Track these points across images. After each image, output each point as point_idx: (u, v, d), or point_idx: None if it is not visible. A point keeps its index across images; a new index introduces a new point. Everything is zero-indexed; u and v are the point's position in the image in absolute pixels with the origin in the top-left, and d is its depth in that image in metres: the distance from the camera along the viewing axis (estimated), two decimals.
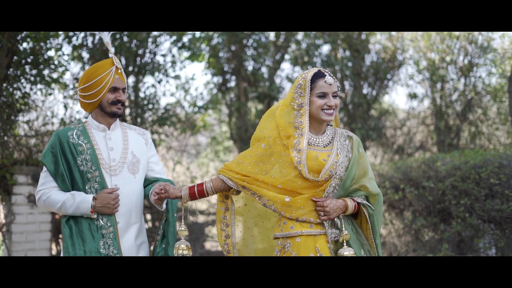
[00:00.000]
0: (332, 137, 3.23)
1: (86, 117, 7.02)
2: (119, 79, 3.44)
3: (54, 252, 6.89)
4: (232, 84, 10.25)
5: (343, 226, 3.09)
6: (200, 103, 9.46)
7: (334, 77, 3.17)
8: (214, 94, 10.16)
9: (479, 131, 11.44)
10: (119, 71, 3.44)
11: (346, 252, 3.01)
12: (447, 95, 11.14)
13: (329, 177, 3.09)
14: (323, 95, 3.15)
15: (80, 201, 3.27)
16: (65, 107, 7.16)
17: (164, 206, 3.44)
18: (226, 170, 3.22)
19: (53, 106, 7.22)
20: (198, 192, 3.24)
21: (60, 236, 6.92)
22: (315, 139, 3.18)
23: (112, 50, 3.48)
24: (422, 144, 11.60)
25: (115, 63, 3.43)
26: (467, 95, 11.05)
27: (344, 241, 3.06)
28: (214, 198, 10.07)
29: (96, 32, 3.69)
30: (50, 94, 6.92)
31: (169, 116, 8.07)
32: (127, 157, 3.45)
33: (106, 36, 3.54)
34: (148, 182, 3.58)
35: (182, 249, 3.15)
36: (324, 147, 3.17)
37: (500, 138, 11.76)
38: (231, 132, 10.37)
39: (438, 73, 10.98)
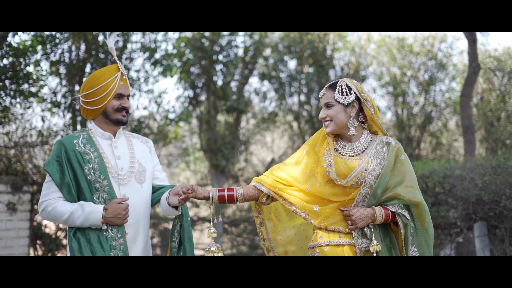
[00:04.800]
0: (368, 145, 3.07)
1: (66, 126, 7.38)
2: (124, 85, 3.31)
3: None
4: (203, 97, 10.65)
5: (373, 236, 2.95)
6: (172, 115, 9.80)
7: (331, 87, 3.09)
8: (185, 107, 10.45)
9: (439, 142, 11.92)
10: (124, 77, 3.32)
11: None
12: (409, 108, 11.59)
13: (356, 184, 2.98)
14: (321, 108, 3.14)
15: (90, 212, 3.10)
16: (43, 119, 7.51)
17: (180, 210, 3.34)
18: (260, 177, 3.22)
19: (32, 119, 7.52)
20: (228, 197, 3.18)
21: (38, 241, 7.24)
22: (344, 147, 3.09)
23: (115, 55, 3.46)
24: None
25: (120, 69, 3.30)
26: (426, 108, 11.53)
27: (375, 252, 2.90)
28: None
29: (105, 36, 3.69)
30: (29, 107, 7.23)
31: (142, 128, 8.40)
32: (135, 166, 3.30)
33: (111, 42, 3.42)
34: (153, 190, 3.43)
35: (212, 252, 3.10)
36: (357, 155, 3.04)
37: (459, 149, 12.23)
38: (201, 143, 10.75)
39: (399, 87, 11.44)
